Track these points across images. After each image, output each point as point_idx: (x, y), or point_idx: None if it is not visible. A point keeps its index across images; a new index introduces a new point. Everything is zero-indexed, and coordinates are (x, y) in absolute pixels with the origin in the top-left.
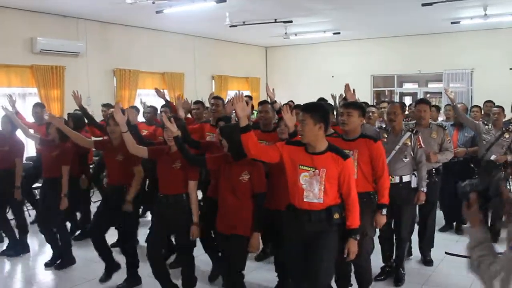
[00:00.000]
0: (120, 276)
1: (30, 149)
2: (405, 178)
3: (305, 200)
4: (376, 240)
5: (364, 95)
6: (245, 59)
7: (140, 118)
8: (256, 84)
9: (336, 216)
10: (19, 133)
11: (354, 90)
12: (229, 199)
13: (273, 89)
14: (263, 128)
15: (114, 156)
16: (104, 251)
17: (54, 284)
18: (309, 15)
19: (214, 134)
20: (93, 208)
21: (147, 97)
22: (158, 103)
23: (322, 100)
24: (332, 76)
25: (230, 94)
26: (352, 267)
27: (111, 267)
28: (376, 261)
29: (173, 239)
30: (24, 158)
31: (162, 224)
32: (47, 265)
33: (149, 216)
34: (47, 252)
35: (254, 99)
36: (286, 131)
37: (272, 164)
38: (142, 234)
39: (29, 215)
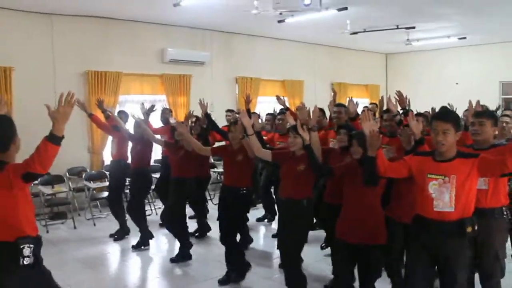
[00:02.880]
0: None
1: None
2: None
3: (435, 209)
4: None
5: (492, 103)
6: (364, 66)
7: None
8: (375, 92)
9: (469, 229)
10: None
11: (478, 102)
12: (358, 206)
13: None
14: (389, 134)
15: (233, 158)
16: (232, 255)
17: (177, 278)
18: (433, 20)
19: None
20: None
21: (269, 104)
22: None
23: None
24: (456, 83)
25: (350, 96)
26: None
27: (240, 270)
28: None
29: None
30: (153, 160)
31: (284, 227)
32: (173, 260)
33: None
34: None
35: None
36: (411, 139)
37: None
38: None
39: (156, 214)
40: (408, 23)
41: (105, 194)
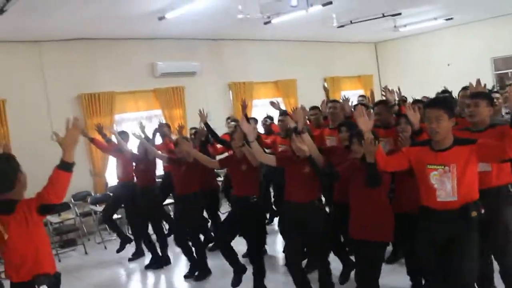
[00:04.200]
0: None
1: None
2: None
3: (438, 199)
4: None
5: (486, 80)
6: (355, 58)
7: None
8: (369, 82)
9: (474, 214)
10: None
11: (479, 81)
12: (364, 203)
13: (393, 89)
14: (383, 126)
15: (239, 168)
16: (230, 257)
17: None
18: (418, 4)
19: (334, 137)
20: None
21: (263, 107)
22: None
23: (446, 92)
24: (448, 64)
25: (344, 94)
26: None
27: (239, 271)
28: None
29: None
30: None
31: (297, 232)
32: (186, 276)
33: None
34: (186, 264)
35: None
36: (407, 129)
37: None
38: (270, 243)
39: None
40: (393, 10)
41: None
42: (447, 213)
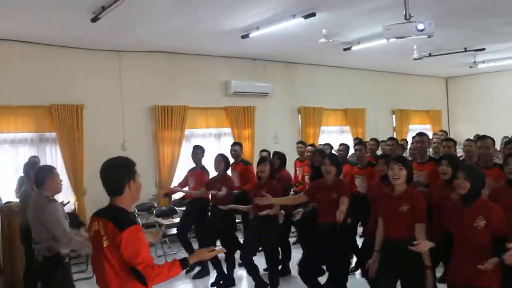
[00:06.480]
0: None
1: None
2: None
3: None
4: None
5: None
6: (425, 92)
7: None
8: (437, 117)
9: None
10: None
11: None
12: (465, 247)
13: None
14: (483, 165)
15: (328, 195)
16: (312, 284)
17: None
18: (504, 40)
19: (422, 172)
20: None
21: (330, 134)
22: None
23: None
24: None
25: (412, 128)
26: None
27: None
28: None
29: None
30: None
31: (391, 270)
32: None
33: None
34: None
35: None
36: None
37: None
38: None
39: None
40: (477, 45)
41: (174, 230)
42: None
